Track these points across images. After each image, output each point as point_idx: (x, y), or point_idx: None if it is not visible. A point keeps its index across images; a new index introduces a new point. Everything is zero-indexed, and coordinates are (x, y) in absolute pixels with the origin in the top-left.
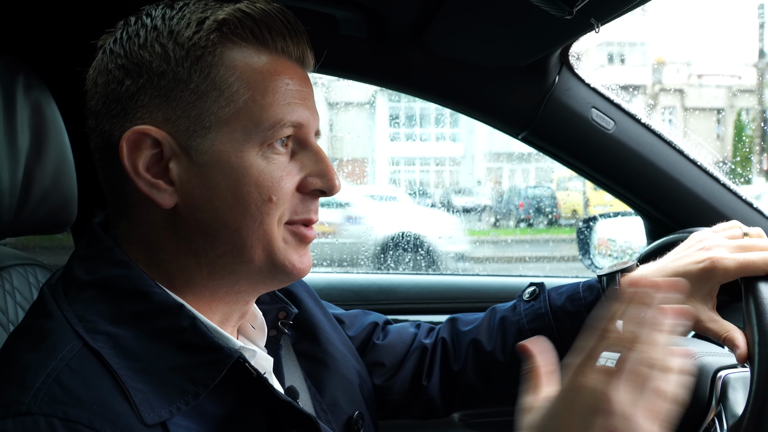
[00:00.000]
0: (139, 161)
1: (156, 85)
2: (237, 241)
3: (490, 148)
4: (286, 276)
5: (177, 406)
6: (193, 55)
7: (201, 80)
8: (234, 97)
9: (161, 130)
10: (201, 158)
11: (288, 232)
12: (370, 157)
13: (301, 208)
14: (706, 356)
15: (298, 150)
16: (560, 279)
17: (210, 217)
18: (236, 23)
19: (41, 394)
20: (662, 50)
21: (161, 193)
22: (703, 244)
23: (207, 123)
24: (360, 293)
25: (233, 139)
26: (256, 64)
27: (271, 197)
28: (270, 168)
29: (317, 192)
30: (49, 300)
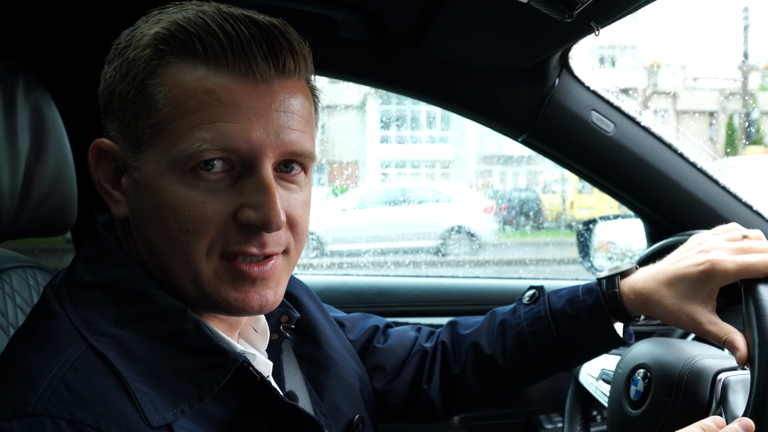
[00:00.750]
0: (99, 171)
1: (110, 101)
2: (166, 267)
3: (480, 151)
4: (228, 313)
5: (181, 409)
6: (133, 72)
7: (135, 97)
8: (159, 117)
9: (115, 144)
10: (136, 176)
11: (222, 266)
12: (361, 160)
13: (236, 239)
14: (706, 359)
15: (244, 174)
16: (560, 282)
17: (144, 237)
18: (167, 36)
19: (47, 395)
20: (656, 53)
21: (115, 204)
22: (703, 246)
23: (138, 142)
24: (360, 296)
25: (156, 161)
26: (185, 81)
27: (188, 227)
28: (190, 195)
29: (253, 226)
30: (53, 301)
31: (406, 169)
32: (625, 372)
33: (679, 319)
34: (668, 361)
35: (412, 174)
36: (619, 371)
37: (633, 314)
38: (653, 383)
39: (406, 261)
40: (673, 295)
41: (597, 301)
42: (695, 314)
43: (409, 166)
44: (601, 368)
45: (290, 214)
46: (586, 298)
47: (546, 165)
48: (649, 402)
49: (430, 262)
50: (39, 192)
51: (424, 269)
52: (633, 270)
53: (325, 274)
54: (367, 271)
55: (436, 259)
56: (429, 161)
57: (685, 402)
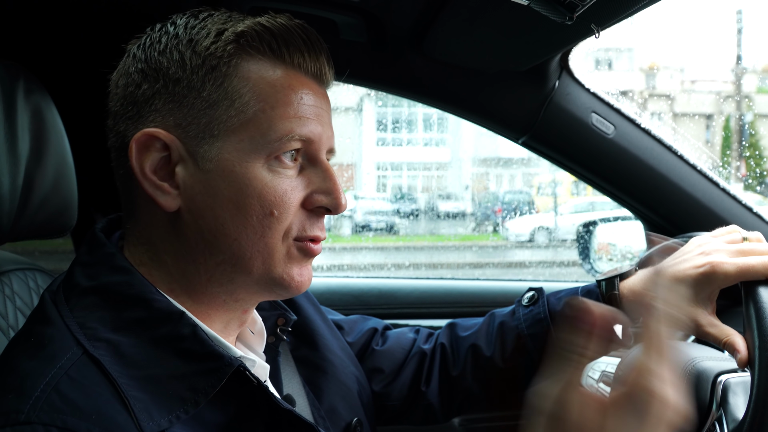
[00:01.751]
0: (146, 163)
1: (171, 90)
2: (236, 250)
3: (476, 154)
4: (284, 290)
5: (176, 414)
6: (209, 65)
7: (213, 89)
8: (244, 108)
9: (170, 134)
10: (207, 165)
11: (295, 247)
12: (357, 162)
13: (308, 224)
14: (706, 361)
15: (306, 166)
16: (559, 283)
17: (211, 224)
18: (254, 36)
19: (40, 403)
20: (653, 56)
21: (165, 196)
22: (703, 248)
23: (215, 131)
24: (360, 298)
25: (239, 149)
26: (270, 77)
27: (273, 211)
28: (275, 181)
29: (322, 209)
30: (50, 306)
31: (403, 171)
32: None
33: (679, 321)
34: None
35: (408, 176)
36: (620, 374)
37: (632, 316)
38: None
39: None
40: (673, 297)
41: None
42: (695, 316)
43: (406, 168)
44: (602, 370)
45: None
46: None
47: (542, 167)
48: None
49: (430, 265)
50: (39, 194)
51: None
52: (632, 272)
53: (325, 276)
54: (367, 273)
55: (436, 262)
56: (425, 164)
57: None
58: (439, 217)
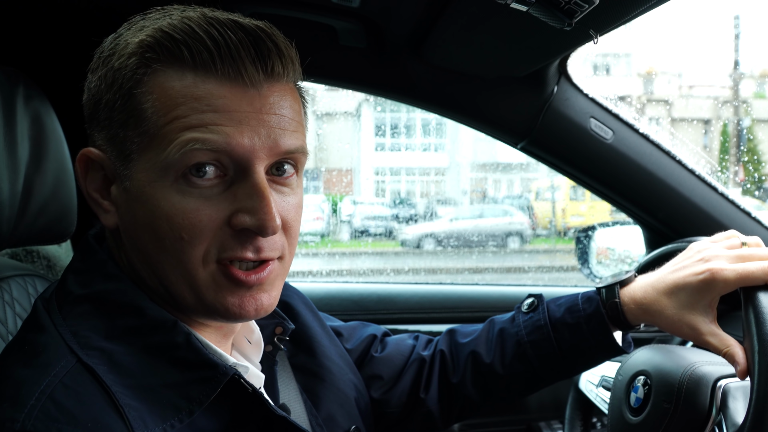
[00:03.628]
0: (88, 180)
1: (96, 111)
2: (163, 276)
3: (475, 159)
4: (227, 319)
5: (171, 423)
6: (119, 81)
7: (122, 107)
8: (148, 125)
9: (103, 153)
10: (126, 185)
11: (219, 272)
12: (356, 167)
13: (231, 244)
14: (706, 365)
15: (237, 180)
16: (559, 289)
17: (139, 246)
18: (153, 44)
19: (35, 412)
20: (651, 61)
21: (105, 214)
22: (702, 254)
23: (128, 151)
24: (359, 303)
25: (148, 169)
26: (173, 89)
27: (182, 235)
28: (182, 203)
29: (248, 231)
30: (43, 314)
31: (401, 176)
32: (625, 379)
33: (680, 329)
34: (668, 368)
35: (407, 181)
36: (619, 378)
37: (633, 323)
38: (653, 390)
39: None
40: (673, 305)
41: (597, 310)
42: (696, 324)
43: (404, 173)
44: (601, 375)
45: (284, 218)
46: (586, 307)
47: (540, 172)
48: (649, 409)
49: (429, 270)
50: (38, 200)
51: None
52: (632, 278)
53: (325, 282)
54: (366, 279)
55: (435, 267)
56: (424, 169)
57: (685, 409)
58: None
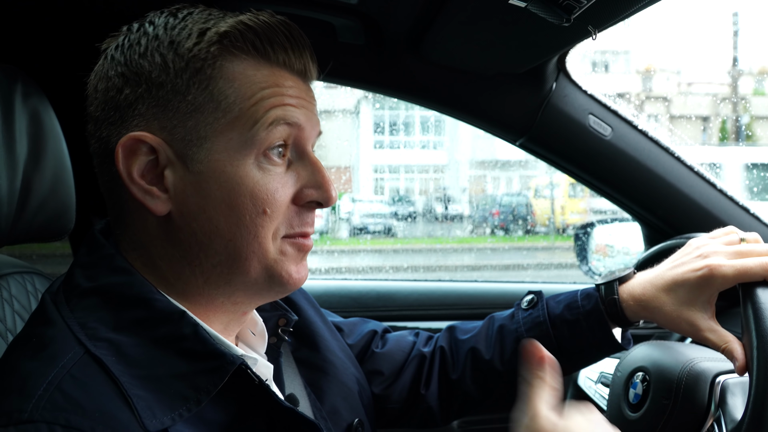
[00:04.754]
0: (134, 167)
1: (154, 95)
2: (232, 251)
3: (473, 156)
4: (282, 287)
5: (179, 413)
6: (193, 67)
7: (199, 92)
8: (230, 108)
9: (157, 137)
10: (196, 167)
11: (286, 245)
12: (355, 165)
13: (297, 221)
14: (705, 361)
15: (294, 160)
16: (558, 285)
17: (204, 226)
18: (238, 36)
19: (43, 402)
20: (649, 58)
21: (155, 200)
22: (701, 251)
23: (203, 133)
24: (358, 300)
25: (229, 148)
26: (254, 77)
27: (266, 209)
28: (265, 179)
29: (313, 204)
30: (51, 307)
31: (400, 174)
32: (624, 375)
33: (679, 325)
34: (667, 364)
35: (406, 179)
36: (618, 374)
37: (632, 320)
38: (652, 386)
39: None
40: (672, 301)
41: (596, 307)
42: (695, 321)
43: (403, 171)
44: (600, 371)
45: None
46: (585, 303)
47: (539, 170)
48: (648, 405)
49: (428, 267)
50: (37, 198)
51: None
52: (631, 275)
53: (324, 279)
54: (365, 276)
55: (434, 264)
56: (422, 166)
57: (684, 405)
58: (437, 219)
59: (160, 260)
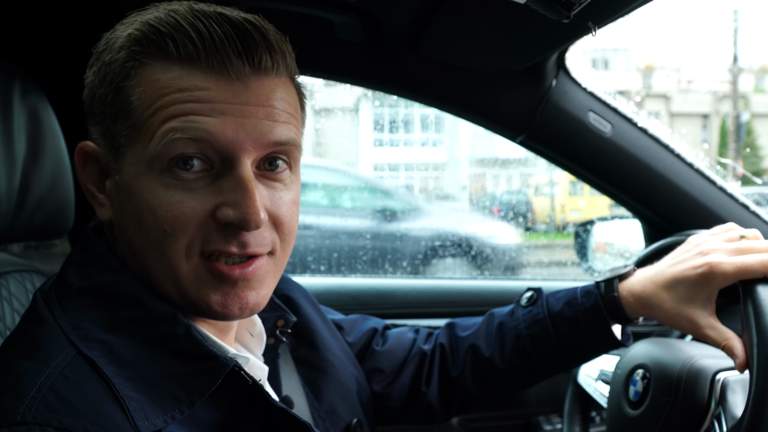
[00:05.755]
0: (85, 173)
1: (91, 105)
2: (148, 270)
3: (473, 154)
4: (209, 317)
5: (171, 414)
6: (110, 75)
7: (112, 101)
8: (135, 118)
9: (98, 147)
10: (117, 179)
11: (203, 267)
12: (355, 163)
13: (214, 238)
14: (705, 359)
15: (223, 173)
16: (558, 283)
17: (127, 240)
18: (140, 38)
19: (36, 403)
20: (649, 56)
21: (101, 207)
22: (701, 248)
23: (117, 145)
24: (358, 298)
25: (135, 162)
26: (159, 81)
27: (165, 227)
28: (167, 195)
29: (233, 225)
30: (42, 307)
31: (400, 172)
32: (624, 372)
33: (679, 322)
34: (667, 362)
35: (406, 177)
36: (618, 372)
37: (632, 317)
38: (652, 383)
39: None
40: (672, 298)
41: (595, 304)
42: (695, 318)
43: (403, 169)
44: (600, 369)
45: (274, 213)
46: (585, 300)
47: (539, 167)
48: (648, 402)
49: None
50: (36, 196)
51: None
52: (631, 272)
53: (323, 277)
54: (365, 274)
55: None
56: (423, 164)
57: (684, 402)
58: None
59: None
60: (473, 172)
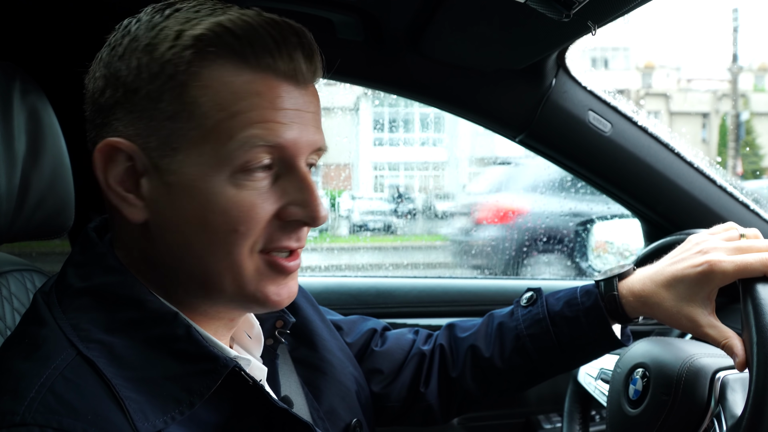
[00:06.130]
0: (111, 174)
1: (130, 100)
2: (204, 268)
3: (473, 153)
4: (261, 307)
5: (172, 415)
6: (166, 73)
7: (172, 99)
8: (204, 119)
9: (133, 144)
10: (169, 179)
11: (263, 262)
12: (354, 162)
13: (277, 236)
14: (705, 357)
15: (283, 173)
16: (558, 282)
17: (177, 239)
18: (213, 39)
19: (35, 404)
20: (649, 55)
21: (131, 208)
22: (701, 247)
23: (175, 144)
24: (358, 297)
25: (201, 163)
26: (233, 84)
27: (237, 228)
28: (240, 196)
29: (297, 222)
30: (43, 307)
31: (400, 171)
32: (624, 371)
33: (679, 321)
34: (667, 361)
35: (405, 176)
36: (618, 371)
37: (632, 316)
38: (652, 382)
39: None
40: (672, 297)
41: (595, 303)
42: (695, 316)
43: (403, 168)
44: (600, 368)
45: None
46: (585, 300)
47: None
48: (647, 401)
49: (428, 264)
50: (36, 195)
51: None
52: (631, 271)
53: (323, 276)
54: (365, 273)
55: (434, 261)
56: (422, 163)
57: (683, 401)
58: (437, 216)
59: (143, 264)
60: (473, 171)
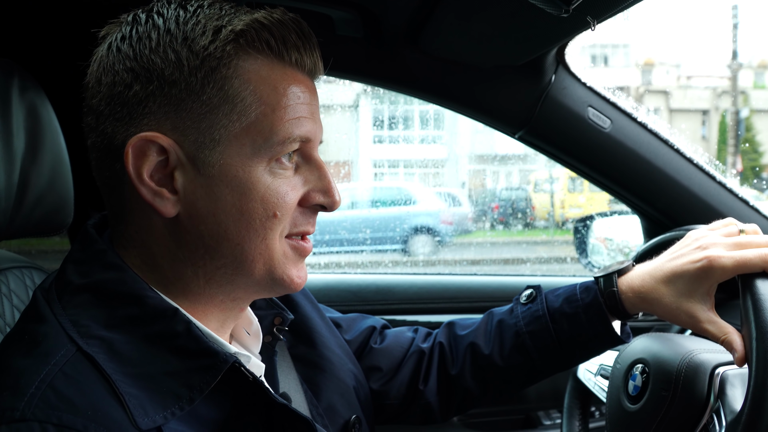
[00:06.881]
0: (144, 168)
1: (167, 93)
2: (238, 254)
3: (473, 150)
4: (284, 289)
5: (171, 411)
6: (208, 66)
7: (214, 92)
8: (246, 112)
9: (169, 138)
10: (208, 170)
11: (288, 246)
12: (354, 160)
13: (300, 220)
14: (704, 353)
15: (301, 163)
16: (557, 279)
17: (212, 229)
18: (254, 35)
19: (35, 400)
20: (649, 52)
21: (164, 202)
22: (700, 242)
23: (216, 136)
24: (358, 294)
25: (242, 154)
26: (269, 78)
27: (276, 213)
28: (276, 183)
29: (318, 207)
30: (42, 304)
31: (399, 168)
32: (624, 367)
33: (678, 317)
34: (666, 356)
35: (405, 173)
36: (618, 367)
37: (631, 312)
38: (651, 378)
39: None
40: (671, 293)
41: (595, 299)
42: (694, 312)
43: (402, 165)
44: (600, 364)
45: None
46: (584, 296)
47: (538, 164)
48: (647, 397)
49: (428, 261)
50: (35, 192)
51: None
52: (630, 267)
53: (323, 273)
54: (365, 270)
55: (434, 258)
56: (422, 161)
57: (683, 396)
58: None
59: (162, 259)
60: (473, 168)
